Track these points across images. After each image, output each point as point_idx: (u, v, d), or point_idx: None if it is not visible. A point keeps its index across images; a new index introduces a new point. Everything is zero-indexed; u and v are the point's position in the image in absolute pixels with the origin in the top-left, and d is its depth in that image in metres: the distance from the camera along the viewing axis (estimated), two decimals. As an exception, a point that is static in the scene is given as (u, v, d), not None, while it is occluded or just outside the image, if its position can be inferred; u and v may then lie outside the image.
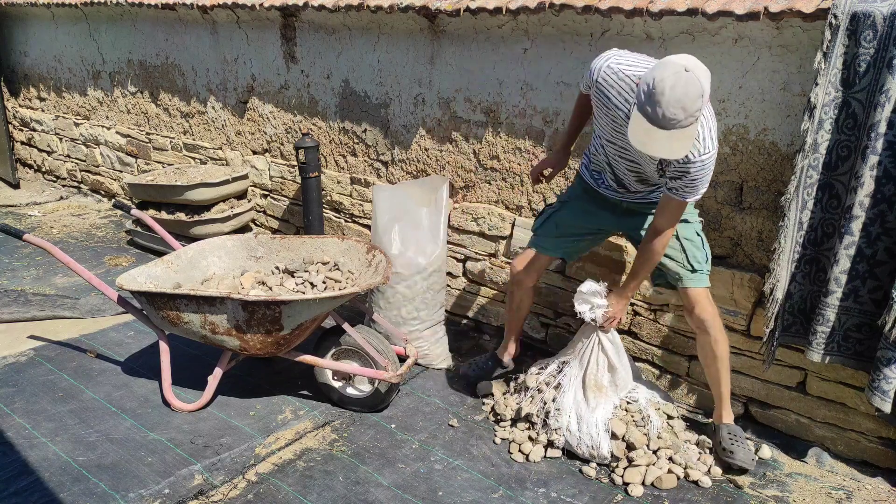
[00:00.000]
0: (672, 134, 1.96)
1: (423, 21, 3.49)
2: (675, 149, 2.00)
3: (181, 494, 2.45)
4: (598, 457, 2.63)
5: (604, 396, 2.72)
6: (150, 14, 5.03)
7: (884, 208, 2.29)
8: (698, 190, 2.27)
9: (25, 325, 3.72)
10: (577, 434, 2.66)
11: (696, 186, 2.24)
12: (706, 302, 2.58)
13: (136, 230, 4.93)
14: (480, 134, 3.50)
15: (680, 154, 2.02)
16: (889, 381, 2.32)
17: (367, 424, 2.90)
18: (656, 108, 1.94)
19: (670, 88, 1.92)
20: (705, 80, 1.97)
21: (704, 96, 1.94)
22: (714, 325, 2.58)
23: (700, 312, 2.58)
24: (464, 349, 3.58)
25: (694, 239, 2.59)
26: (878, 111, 2.22)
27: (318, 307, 2.75)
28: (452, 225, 3.71)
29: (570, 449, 2.68)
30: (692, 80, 1.92)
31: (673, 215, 2.38)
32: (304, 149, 3.97)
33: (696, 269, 2.58)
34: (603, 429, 2.64)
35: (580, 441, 2.65)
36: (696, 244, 2.59)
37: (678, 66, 1.94)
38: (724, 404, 2.71)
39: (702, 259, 2.59)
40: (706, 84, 1.96)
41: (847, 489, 2.55)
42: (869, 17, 2.21)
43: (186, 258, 3.24)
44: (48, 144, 6.66)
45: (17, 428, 2.80)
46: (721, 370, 2.65)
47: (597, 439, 2.62)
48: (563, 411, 2.70)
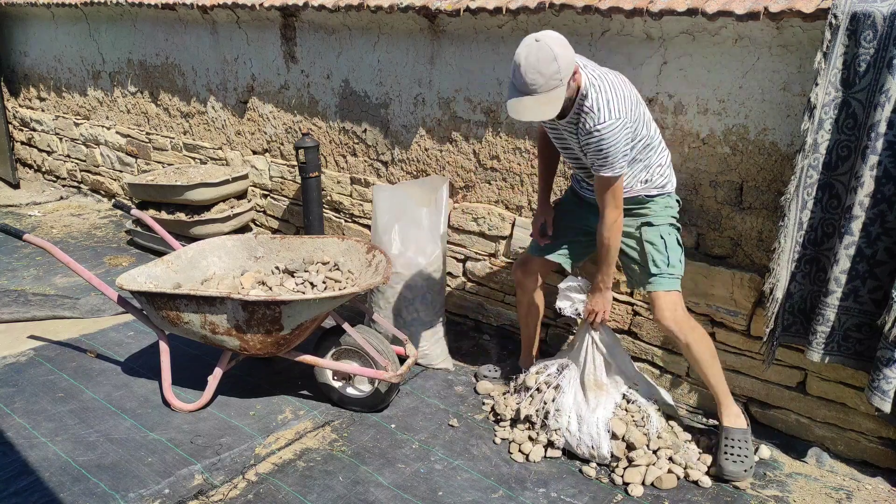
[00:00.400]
0: (538, 98, 2.18)
1: (423, 21, 3.49)
2: (545, 111, 2.21)
3: (181, 494, 2.45)
4: (599, 457, 2.63)
5: (604, 395, 2.72)
6: (150, 14, 5.03)
7: (884, 208, 2.29)
8: (609, 161, 2.31)
9: (25, 325, 3.72)
10: (576, 434, 2.66)
11: (607, 157, 2.30)
12: (665, 306, 2.54)
13: (136, 230, 4.93)
14: (480, 134, 3.50)
15: (550, 114, 2.23)
16: (889, 381, 2.32)
17: (367, 424, 2.90)
18: (519, 78, 2.18)
19: (525, 58, 2.16)
20: (557, 47, 2.16)
21: (559, 60, 2.13)
22: (680, 331, 2.54)
23: (659, 318, 2.56)
24: (464, 349, 3.58)
25: (657, 242, 2.57)
26: (878, 111, 2.22)
27: (318, 307, 2.75)
28: (452, 225, 3.71)
29: (570, 449, 2.68)
30: (542, 47, 2.14)
31: (605, 193, 2.40)
32: (304, 149, 3.98)
33: (654, 273, 2.56)
34: (603, 429, 2.64)
35: (580, 441, 2.65)
36: (659, 247, 2.56)
37: (531, 39, 2.18)
38: (722, 406, 2.65)
39: (662, 263, 2.55)
40: (559, 49, 2.15)
41: (847, 489, 2.55)
42: (869, 17, 2.21)
43: (186, 258, 3.24)
44: (48, 144, 6.66)
45: (17, 428, 2.81)
46: (706, 372, 2.60)
47: (597, 440, 2.62)
48: (562, 412, 2.70)
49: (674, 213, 2.64)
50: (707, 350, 2.59)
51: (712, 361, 2.60)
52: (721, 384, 2.63)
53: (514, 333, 3.64)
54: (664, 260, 2.56)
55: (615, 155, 2.31)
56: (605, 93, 2.30)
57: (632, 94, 2.40)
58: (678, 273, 2.58)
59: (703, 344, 2.58)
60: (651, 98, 2.88)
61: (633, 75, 2.89)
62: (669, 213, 2.62)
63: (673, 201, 2.65)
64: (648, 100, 2.89)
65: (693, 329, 2.57)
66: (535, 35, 2.21)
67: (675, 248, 2.59)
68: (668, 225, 2.61)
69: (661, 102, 2.86)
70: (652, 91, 2.87)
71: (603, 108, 2.29)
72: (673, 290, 2.57)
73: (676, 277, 2.58)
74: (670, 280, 2.57)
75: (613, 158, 2.32)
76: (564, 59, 2.17)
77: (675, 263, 2.58)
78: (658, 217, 2.60)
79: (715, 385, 2.63)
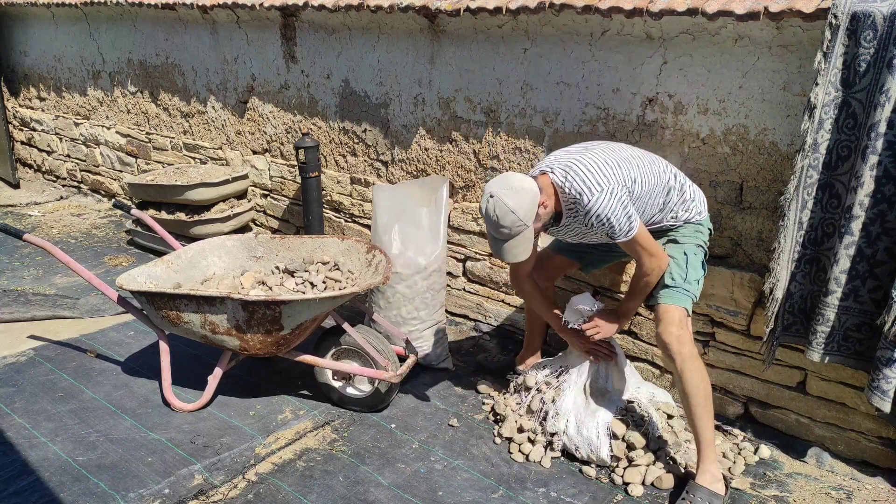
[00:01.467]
0: (511, 243, 2.36)
1: (423, 21, 3.49)
2: (519, 253, 2.37)
3: (181, 494, 2.45)
4: (598, 460, 2.62)
5: (606, 401, 2.73)
6: (150, 14, 5.03)
7: (884, 208, 2.29)
8: (618, 227, 2.33)
9: (25, 325, 3.72)
10: (575, 438, 2.66)
11: (613, 226, 2.33)
12: (670, 320, 2.43)
13: (136, 230, 4.93)
14: (480, 134, 3.50)
15: (527, 252, 2.38)
16: (889, 381, 2.32)
17: (367, 424, 2.90)
18: (492, 230, 2.38)
19: (488, 214, 2.34)
20: (510, 199, 2.29)
21: (516, 211, 2.28)
22: (679, 352, 2.39)
23: (662, 331, 2.43)
24: (464, 349, 3.58)
25: (678, 257, 2.52)
26: (878, 111, 2.22)
27: (318, 307, 2.75)
28: (452, 225, 3.71)
29: (569, 451, 2.68)
30: (497, 203, 2.30)
31: (634, 250, 2.43)
32: (304, 149, 3.98)
33: (667, 285, 2.49)
34: (604, 433, 2.63)
35: (579, 445, 2.65)
36: (680, 262, 2.51)
37: (486, 195, 2.34)
38: (704, 455, 2.42)
39: (679, 276, 2.49)
40: (511, 201, 2.29)
41: (847, 489, 2.55)
42: (869, 17, 2.20)
43: (186, 258, 3.24)
44: (48, 144, 6.66)
45: (17, 428, 2.80)
46: (694, 412, 2.40)
47: (595, 443, 2.61)
48: (561, 415, 2.70)
49: (703, 238, 2.60)
50: (702, 386, 2.39)
51: (705, 403, 2.39)
52: (708, 431, 2.41)
53: (514, 333, 3.64)
54: (681, 274, 2.50)
55: (620, 220, 2.32)
56: (580, 174, 2.34)
57: (613, 159, 2.39)
58: (693, 292, 2.49)
59: (699, 377, 2.39)
60: (651, 98, 2.88)
61: (633, 75, 2.90)
62: (698, 237, 2.58)
63: (703, 228, 2.61)
64: (648, 100, 2.89)
65: (693, 358, 2.40)
66: (489, 190, 2.34)
67: (697, 267, 2.53)
68: (693, 244, 2.56)
69: (661, 102, 2.86)
70: (652, 91, 2.87)
71: (584, 190, 2.32)
72: (682, 307, 2.47)
73: (690, 296, 2.48)
74: (683, 295, 2.48)
75: (619, 223, 2.33)
76: (521, 207, 2.29)
77: (692, 282, 2.50)
78: (685, 237, 2.57)
79: (701, 430, 2.41)
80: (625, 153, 2.46)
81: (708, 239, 2.63)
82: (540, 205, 2.35)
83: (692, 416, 2.42)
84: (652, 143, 2.92)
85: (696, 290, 2.52)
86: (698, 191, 2.64)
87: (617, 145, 2.53)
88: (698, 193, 2.62)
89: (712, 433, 2.44)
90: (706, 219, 2.63)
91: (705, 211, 2.63)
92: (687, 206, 2.56)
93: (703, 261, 2.57)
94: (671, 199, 2.53)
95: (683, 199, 2.55)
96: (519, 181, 2.34)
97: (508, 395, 2.98)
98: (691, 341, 2.45)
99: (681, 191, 2.54)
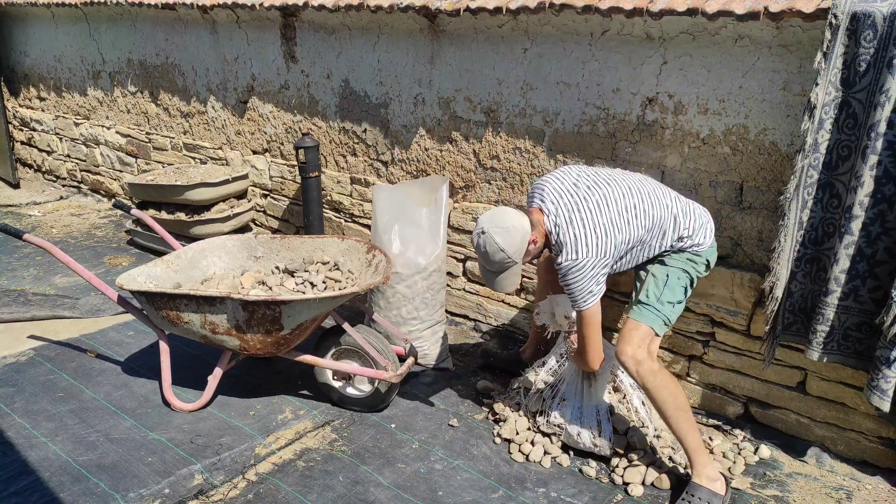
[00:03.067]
0: (502, 276, 2.51)
1: (423, 21, 3.49)
2: (507, 285, 2.55)
3: (181, 494, 2.45)
4: (600, 446, 2.61)
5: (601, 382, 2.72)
6: (150, 14, 5.03)
7: (884, 208, 2.29)
8: (576, 294, 2.39)
9: (25, 325, 3.72)
10: (577, 425, 2.65)
11: (573, 291, 2.39)
12: (629, 338, 2.41)
13: (136, 230, 4.93)
14: (480, 134, 3.50)
15: (513, 287, 2.57)
16: (888, 381, 2.32)
17: (367, 424, 2.90)
18: (486, 264, 2.52)
19: (479, 249, 2.49)
20: (500, 237, 2.41)
21: (505, 249, 2.41)
22: (637, 373, 2.38)
23: (618, 351, 2.43)
24: (464, 349, 3.58)
25: (659, 277, 2.48)
26: (878, 111, 2.22)
27: (317, 307, 2.75)
28: (452, 225, 3.71)
29: (571, 442, 2.68)
30: (489, 241, 2.43)
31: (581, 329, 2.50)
32: (304, 149, 3.97)
33: (639, 300, 2.47)
34: (605, 416, 2.63)
35: (580, 431, 2.64)
36: (658, 282, 2.47)
37: (478, 229, 2.47)
38: (693, 460, 2.42)
39: (653, 295, 2.45)
40: (501, 239, 2.41)
41: (847, 489, 2.55)
42: (869, 17, 2.21)
43: (186, 258, 3.24)
44: (48, 144, 6.66)
45: (17, 428, 2.80)
46: (670, 424, 2.41)
47: (597, 427, 2.62)
48: (568, 402, 2.69)
49: (695, 267, 2.51)
50: (671, 399, 2.38)
51: (677, 413, 2.38)
52: (689, 437, 2.40)
53: (514, 333, 3.64)
54: (656, 293, 2.45)
55: (582, 290, 2.38)
56: (573, 230, 2.38)
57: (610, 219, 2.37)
58: (664, 313, 2.44)
59: (666, 391, 2.38)
60: (651, 98, 2.88)
61: (633, 75, 2.90)
62: (690, 265, 2.51)
63: (700, 259, 2.51)
64: (648, 100, 2.89)
65: (654, 374, 2.38)
66: (481, 225, 2.46)
67: (675, 290, 2.47)
68: (680, 269, 2.49)
69: (661, 102, 2.86)
70: (652, 91, 2.87)
71: (569, 247, 2.38)
72: (648, 325, 2.43)
73: (660, 316, 2.44)
74: (652, 314, 2.43)
75: (581, 293, 2.38)
76: (510, 245, 2.41)
77: (665, 302, 2.44)
78: (674, 261, 2.51)
79: (682, 438, 2.40)
80: (629, 201, 2.41)
81: (704, 270, 2.54)
82: (530, 242, 2.45)
83: (671, 427, 2.43)
84: (652, 142, 2.92)
85: (670, 312, 2.46)
86: (703, 223, 2.52)
87: (624, 184, 2.46)
88: (701, 228, 2.51)
89: (697, 439, 2.41)
90: (707, 250, 2.52)
91: (707, 242, 2.51)
92: (683, 242, 2.49)
93: (685, 286, 2.49)
94: (666, 241, 2.49)
95: (679, 237, 2.49)
96: (510, 219, 2.43)
97: (510, 393, 2.98)
98: (650, 359, 2.40)
99: (678, 229, 2.48)
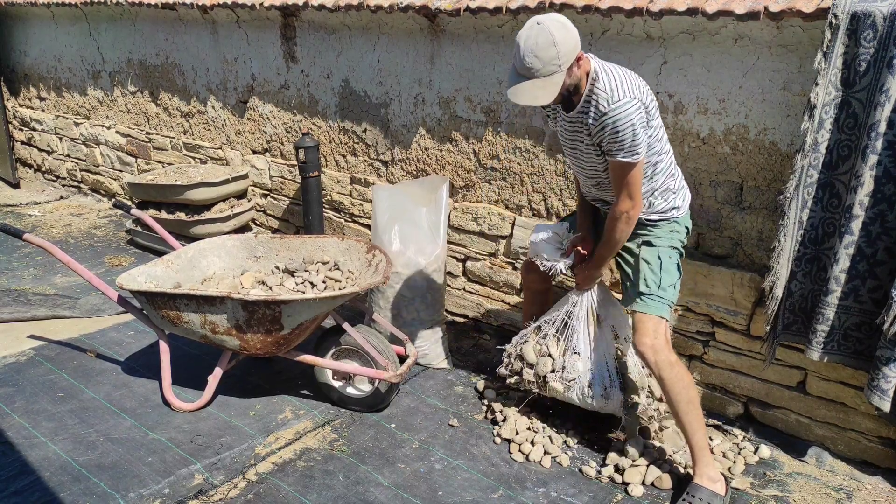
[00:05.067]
0: (534, 83, 2.16)
1: (423, 21, 3.49)
2: (539, 96, 2.17)
3: (181, 494, 2.45)
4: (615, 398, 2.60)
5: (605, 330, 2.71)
6: (150, 14, 5.03)
7: (884, 208, 2.29)
8: (627, 144, 2.19)
9: (25, 325, 3.72)
10: (587, 376, 2.63)
11: (623, 140, 2.19)
12: (645, 330, 2.39)
13: (136, 230, 4.93)
14: (480, 133, 3.50)
15: (544, 100, 2.19)
16: (888, 380, 2.32)
17: (367, 424, 2.90)
18: (518, 61, 2.16)
19: (524, 41, 2.14)
20: (558, 31, 2.11)
21: (559, 45, 2.10)
22: (655, 362, 2.37)
23: (636, 342, 2.42)
24: (464, 349, 3.58)
25: (652, 262, 2.45)
26: (878, 111, 2.22)
27: (317, 307, 2.75)
28: (452, 225, 3.71)
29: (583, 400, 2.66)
30: (542, 31, 2.11)
31: (620, 182, 2.29)
32: (304, 148, 3.97)
33: (642, 293, 2.44)
34: (612, 364, 2.64)
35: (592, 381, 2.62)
36: (654, 268, 2.44)
37: (533, 21, 2.15)
38: (697, 458, 2.41)
39: (653, 283, 2.43)
40: (559, 35, 2.11)
41: (847, 489, 2.55)
42: (869, 17, 2.21)
43: (186, 258, 3.24)
44: (48, 144, 6.66)
45: (17, 428, 2.80)
46: (681, 418, 2.39)
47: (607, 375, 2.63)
48: (581, 355, 2.66)
49: (680, 238, 2.51)
50: (684, 392, 2.37)
51: (688, 408, 2.38)
52: (697, 435, 2.39)
53: (514, 333, 3.64)
54: (655, 281, 2.43)
55: (632, 136, 2.18)
56: (618, 76, 2.23)
57: (644, 85, 2.30)
58: (668, 298, 2.43)
59: (681, 384, 2.37)
60: (651, 98, 2.88)
61: (633, 75, 2.90)
62: (675, 236, 2.50)
63: (680, 227, 2.51)
64: (648, 99, 2.89)
65: (672, 365, 2.37)
66: (538, 17, 2.16)
67: (672, 271, 2.46)
68: (669, 247, 2.48)
69: (661, 102, 2.86)
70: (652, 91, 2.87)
71: (616, 89, 2.19)
72: (658, 315, 2.42)
73: (665, 303, 2.43)
74: (658, 303, 2.42)
75: (632, 140, 2.19)
76: (565, 44, 2.11)
77: (667, 287, 2.43)
78: (660, 239, 2.48)
79: (690, 434, 2.40)
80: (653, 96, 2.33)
81: (685, 237, 2.54)
82: (578, 58, 2.18)
83: (679, 422, 2.42)
84: (652, 142, 2.92)
85: (672, 295, 2.45)
86: (685, 187, 2.56)
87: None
88: (684, 189, 2.54)
89: (703, 437, 2.41)
90: (684, 217, 2.53)
91: (685, 207, 2.52)
92: (667, 197, 2.46)
93: (678, 263, 2.49)
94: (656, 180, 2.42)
95: (667, 188, 2.45)
96: (569, 22, 2.17)
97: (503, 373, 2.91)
98: (668, 349, 2.40)
99: (671, 176, 2.46)
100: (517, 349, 2.85)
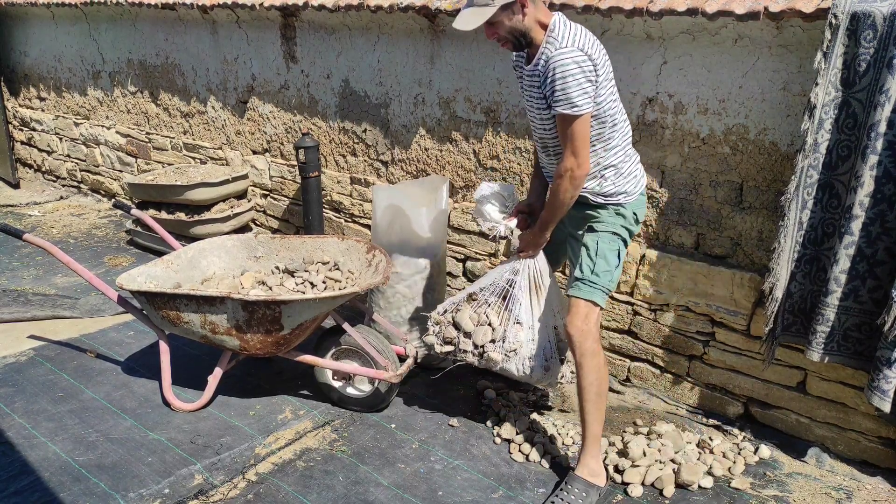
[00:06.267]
0: (473, 10, 2.29)
1: (422, 21, 3.49)
2: (470, 21, 2.29)
3: (181, 494, 2.45)
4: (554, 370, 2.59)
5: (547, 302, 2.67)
6: (150, 14, 5.03)
7: (884, 208, 2.29)
8: (567, 95, 2.19)
9: (25, 325, 3.72)
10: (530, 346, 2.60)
11: (565, 88, 2.19)
12: (576, 314, 2.40)
13: (136, 230, 4.93)
14: (480, 134, 3.50)
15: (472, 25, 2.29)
16: (889, 381, 2.32)
17: (367, 424, 2.90)
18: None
19: None
20: None
21: None
22: (580, 345, 2.38)
23: (567, 323, 2.42)
24: (464, 349, 3.58)
25: (591, 247, 2.45)
26: (878, 111, 2.22)
27: (317, 307, 2.75)
28: (452, 225, 3.71)
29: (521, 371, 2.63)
30: None
31: (564, 135, 2.27)
32: (304, 148, 3.98)
33: (576, 277, 2.44)
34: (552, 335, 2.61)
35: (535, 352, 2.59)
36: (591, 253, 2.44)
37: None
38: (585, 449, 2.44)
39: (587, 268, 2.42)
40: None
41: (847, 489, 2.55)
42: (869, 17, 2.21)
43: (186, 258, 3.24)
44: (48, 144, 6.66)
45: (17, 428, 2.81)
46: (585, 406, 2.41)
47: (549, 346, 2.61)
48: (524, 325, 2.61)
49: (624, 224, 2.48)
50: (596, 384, 2.40)
51: (596, 399, 2.40)
52: (595, 427, 2.43)
53: (514, 333, 3.64)
54: (590, 266, 2.43)
55: (575, 85, 2.18)
56: (573, 31, 2.26)
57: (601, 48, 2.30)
58: (602, 284, 2.41)
59: (596, 375, 2.40)
60: (651, 98, 2.88)
61: (633, 75, 2.90)
62: (619, 222, 2.47)
63: (627, 212, 2.48)
64: (648, 99, 2.89)
65: (594, 355, 2.39)
66: None
67: (609, 258, 2.44)
68: (609, 233, 2.46)
69: (661, 102, 2.86)
70: (652, 91, 2.87)
71: (566, 38, 2.24)
72: (589, 300, 2.41)
73: (598, 288, 2.41)
74: (590, 288, 2.41)
75: (574, 89, 2.19)
76: None
77: (601, 273, 2.42)
78: (602, 224, 2.47)
79: (588, 424, 2.43)
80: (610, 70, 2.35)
81: (633, 224, 2.51)
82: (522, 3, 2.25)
83: (582, 410, 2.44)
84: (652, 142, 2.92)
85: (606, 281, 2.43)
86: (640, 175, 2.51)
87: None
88: (637, 176, 2.49)
89: (599, 429, 2.44)
90: (633, 202, 2.49)
91: (636, 193, 2.49)
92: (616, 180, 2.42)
93: (618, 250, 2.47)
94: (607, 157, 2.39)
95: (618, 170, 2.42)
96: None
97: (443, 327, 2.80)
98: (595, 337, 2.41)
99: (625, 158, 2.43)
100: (449, 317, 2.76)
